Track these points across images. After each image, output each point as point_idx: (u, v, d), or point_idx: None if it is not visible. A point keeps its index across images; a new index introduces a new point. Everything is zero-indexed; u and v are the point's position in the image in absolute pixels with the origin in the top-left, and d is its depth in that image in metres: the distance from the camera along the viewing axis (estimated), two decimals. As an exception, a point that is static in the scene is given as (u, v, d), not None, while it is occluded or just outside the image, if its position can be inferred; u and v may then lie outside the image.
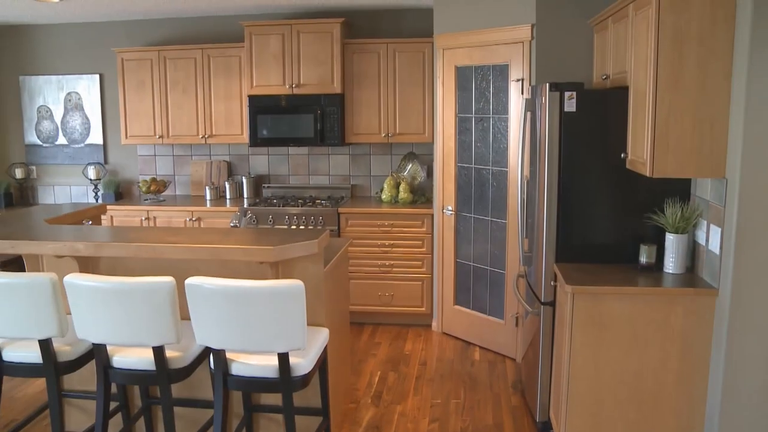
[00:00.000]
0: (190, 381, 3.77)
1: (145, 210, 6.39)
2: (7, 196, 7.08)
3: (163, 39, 6.81)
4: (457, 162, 5.59)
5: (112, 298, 3.06)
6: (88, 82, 7.07)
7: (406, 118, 6.09)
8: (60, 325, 3.23)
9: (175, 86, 6.46)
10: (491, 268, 5.41)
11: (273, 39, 6.09)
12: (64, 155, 7.23)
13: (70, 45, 7.06)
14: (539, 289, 3.99)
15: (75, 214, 4.40)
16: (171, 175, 7.02)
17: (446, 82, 5.58)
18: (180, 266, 3.66)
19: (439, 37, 5.59)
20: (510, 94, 5.07)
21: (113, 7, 6.01)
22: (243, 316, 2.94)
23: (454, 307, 5.78)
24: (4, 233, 3.67)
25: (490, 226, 5.38)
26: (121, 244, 3.42)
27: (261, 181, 6.81)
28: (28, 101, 7.22)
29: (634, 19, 3.47)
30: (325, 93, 6.07)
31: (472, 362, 5.27)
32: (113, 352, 3.26)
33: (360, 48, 6.09)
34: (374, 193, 6.61)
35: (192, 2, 5.83)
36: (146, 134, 6.60)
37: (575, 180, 3.79)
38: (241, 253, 3.29)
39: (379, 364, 5.24)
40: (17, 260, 5.99)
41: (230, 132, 6.42)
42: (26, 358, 3.36)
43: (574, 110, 3.74)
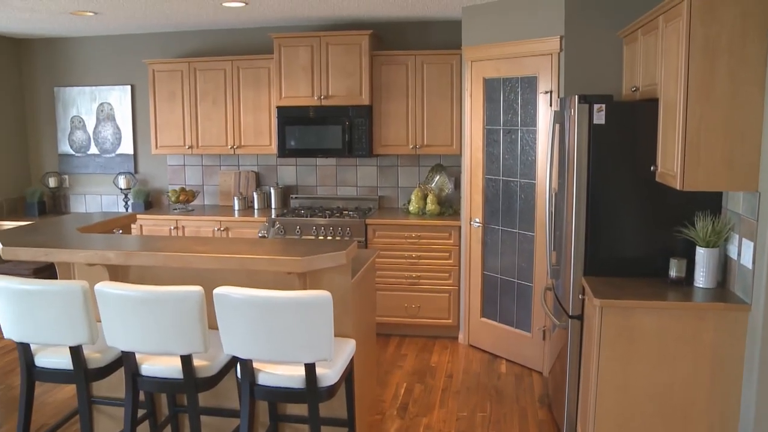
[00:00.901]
0: (216, 390, 3.79)
1: (174, 219, 6.45)
2: (41, 205, 7.19)
3: (194, 51, 6.89)
4: (485, 174, 5.57)
5: (142, 307, 3.09)
6: (120, 93, 7.17)
7: (433, 129, 6.10)
8: (90, 332, 3.27)
9: (205, 97, 6.54)
10: (518, 280, 5.38)
11: (302, 51, 6.14)
12: (95, 165, 7.34)
13: (103, 57, 7.17)
14: (567, 303, 3.96)
15: (106, 223, 4.45)
16: (200, 185, 7.09)
17: (474, 94, 5.58)
18: (208, 276, 3.69)
19: (467, 49, 5.59)
20: (538, 106, 5.06)
21: (145, 19, 6.10)
22: (270, 327, 2.96)
23: (480, 319, 5.75)
24: (38, 241, 3.73)
25: (517, 239, 5.35)
26: (150, 254, 3.45)
27: (289, 191, 6.85)
28: (62, 112, 7.34)
29: (664, 30, 3.45)
30: (354, 104, 6.10)
31: (498, 375, 5.23)
32: (142, 360, 3.29)
33: (388, 60, 6.11)
34: (401, 204, 6.62)
35: (222, 15, 5.90)
36: (176, 144, 6.68)
37: (604, 193, 3.76)
38: (269, 264, 3.30)
39: (405, 376, 5.22)
40: (50, 267, 6.08)
41: (259, 143, 6.47)
42: (57, 365, 3.41)
43: (603, 122, 3.71)
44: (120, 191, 7.18)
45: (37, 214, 7.14)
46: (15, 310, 3.30)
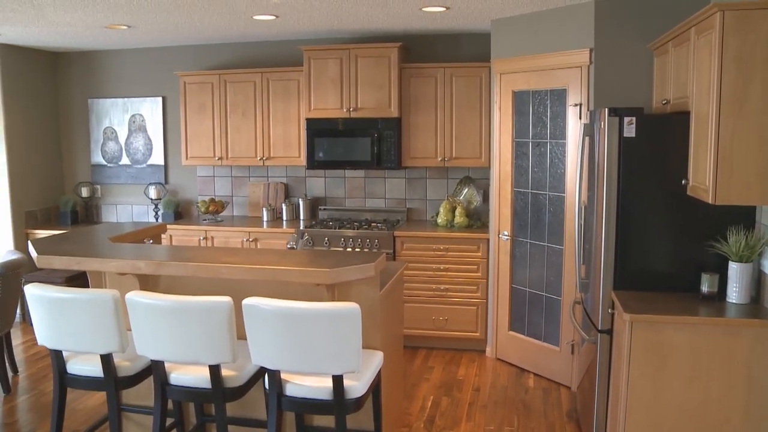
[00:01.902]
0: (244, 400, 3.80)
1: (204, 230, 6.51)
2: (73, 214, 7.30)
3: (224, 63, 6.97)
4: (514, 187, 5.55)
5: (171, 316, 3.12)
6: (152, 104, 7.27)
7: (462, 142, 6.09)
8: (121, 340, 3.31)
9: (235, 109, 6.60)
10: (547, 294, 5.34)
11: (331, 63, 6.18)
12: (127, 175, 7.44)
13: (135, 69, 7.28)
14: (596, 317, 3.92)
15: (137, 233, 4.51)
16: (229, 196, 7.15)
17: (503, 107, 5.57)
18: (237, 286, 3.71)
19: (496, 61, 5.59)
20: (568, 119, 5.03)
21: (177, 32, 6.19)
22: (299, 338, 2.97)
23: (508, 332, 5.71)
24: (71, 250, 3.79)
25: (546, 252, 5.32)
26: (180, 264, 3.49)
27: (317, 203, 6.88)
28: (95, 123, 7.46)
29: (696, 42, 3.42)
30: (382, 117, 6.12)
31: (526, 389, 5.19)
32: (171, 369, 3.32)
33: (417, 72, 6.13)
34: (430, 216, 6.61)
35: (253, 27, 5.96)
36: (206, 155, 6.75)
37: (634, 206, 3.73)
38: (298, 275, 3.32)
39: (432, 389, 5.20)
40: (82, 275, 6.16)
41: (288, 154, 6.51)
42: (88, 372, 3.46)
43: (633, 135, 3.69)
44: (150, 201, 7.26)
45: (70, 223, 7.25)
46: (49, 318, 3.35)
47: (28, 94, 7.16)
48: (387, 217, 6.63)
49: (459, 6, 5.01)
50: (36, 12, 5.08)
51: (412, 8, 5.09)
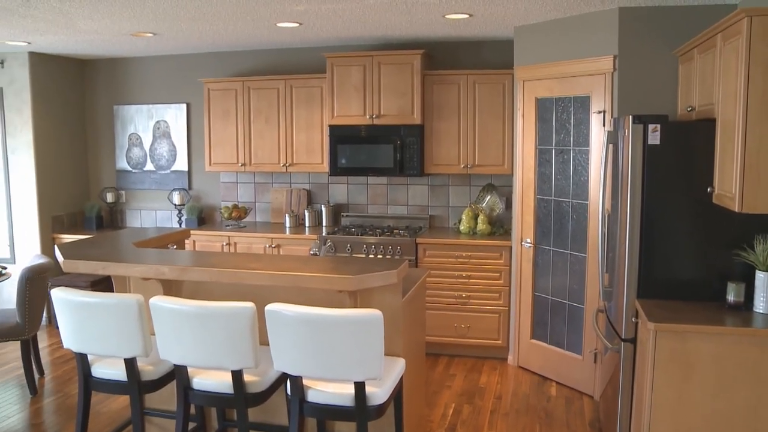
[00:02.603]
0: (266, 406, 3.81)
1: (227, 236, 6.55)
2: (98, 219, 7.38)
3: (248, 70, 7.02)
4: (537, 194, 5.53)
5: (195, 321, 3.14)
6: (176, 111, 7.34)
7: (485, 149, 6.08)
8: (144, 345, 3.33)
9: (258, 115, 6.64)
10: (570, 302, 5.31)
11: (354, 70, 6.20)
12: (151, 181, 7.50)
13: (160, 76, 7.35)
14: (620, 325, 3.89)
15: (160, 238, 4.55)
16: (252, 202, 7.18)
17: (526, 114, 5.55)
18: (259, 292, 3.72)
19: (519, 68, 5.58)
20: (591, 127, 5.01)
21: (202, 40, 6.24)
22: (321, 344, 2.97)
23: (530, 340, 5.68)
24: (96, 255, 3.83)
25: (569, 260, 5.29)
26: (203, 269, 3.51)
27: (340, 209, 6.89)
28: (120, 129, 7.54)
29: (722, 49, 3.39)
30: (405, 124, 6.12)
31: (548, 398, 5.16)
32: (193, 373, 3.34)
33: (440, 79, 6.13)
34: (452, 224, 6.60)
35: (276, 35, 6.00)
36: (229, 162, 6.79)
37: (659, 214, 3.70)
38: (320, 281, 3.32)
39: (454, 396, 5.18)
40: (106, 280, 6.22)
41: (311, 161, 6.53)
42: (112, 376, 3.49)
43: (658, 143, 3.66)
44: (174, 207, 7.32)
45: (95, 228, 7.33)
46: (74, 321, 3.39)
47: (57, 101, 7.26)
48: (409, 224, 6.63)
49: (482, 13, 5.01)
50: (66, 21, 5.15)
51: (436, 15, 5.10)
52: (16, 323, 5.12)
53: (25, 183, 7.04)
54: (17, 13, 4.88)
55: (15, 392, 5.28)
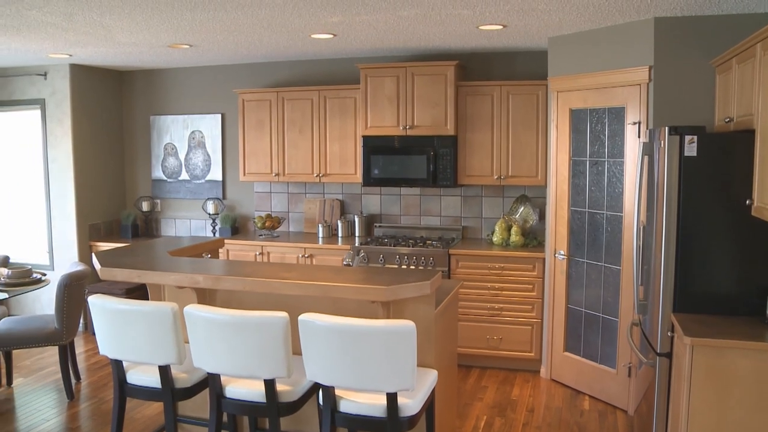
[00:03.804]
0: (298, 415, 3.81)
1: (260, 245, 6.60)
2: (134, 227, 7.49)
3: (282, 81, 7.08)
4: (571, 206, 5.49)
5: (229, 330, 3.17)
6: (211, 121, 7.42)
7: (518, 160, 6.05)
8: (179, 353, 3.37)
9: (292, 126, 6.69)
10: (603, 315, 5.25)
11: (388, 81, 6.22)
12: (186, 190, 7.59)
13: (195, 87, 7.45)
14: (655, 339, 3.84)
15: (195, 247, 4.60)
16: (285, 212, 7.23)
17: (560, 125, 5.52)
18: (292, 301, 3.74)
19: (553, 79, 5.55)
20: (626, 138, 4.96)
21: (236, 51, 6.32)
22: (354, 355, 2.98)
23: (563, 353, 5.63)
24: (132, 263, 3.88)
25: (603, 272, 5.23)
26: (237, 278, 3.54)
27: (373, 220, 6.90)
28: (156, 139, 7.65)
29: (762, 58, 3.33)
30: (439, 134, 6.12)
31: (581, 412, 5.10)
32: (226, 382, 3.37)
33: (473, 90, 6.12)
34: (485, 235, 6.57)
35: (310, 46, 6.05)
36: (263, 172, 6.85)
37: (695, 227, 3.65)
38: (353, 292, 3.33)
39: (486, 409, 5.15)
40: (141, 288, 6.31)
41: (344, 171, 6.56)
42: (147, 382, 3.54)
43: (694, 155, 3.62)
44: (208, 216, 7.39)
45: (131, 236, 7.43)
46: (110, 328, 3.44)
47: (95, 112, 7.39)
48: (442, 235, 6.61)
49: (516, 24, 5.00)
50: (106, 33, 5.26)
51: (469, 27, 5.10)
52: (54, 329, 5.21)
53: (64, 192, 7.17)
54: (60, 27, 5.00)
55: (53, 396, 5.37)
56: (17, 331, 5.17)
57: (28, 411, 5.10)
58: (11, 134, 7.53)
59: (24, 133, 7.42)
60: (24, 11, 4.46)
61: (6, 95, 7.36)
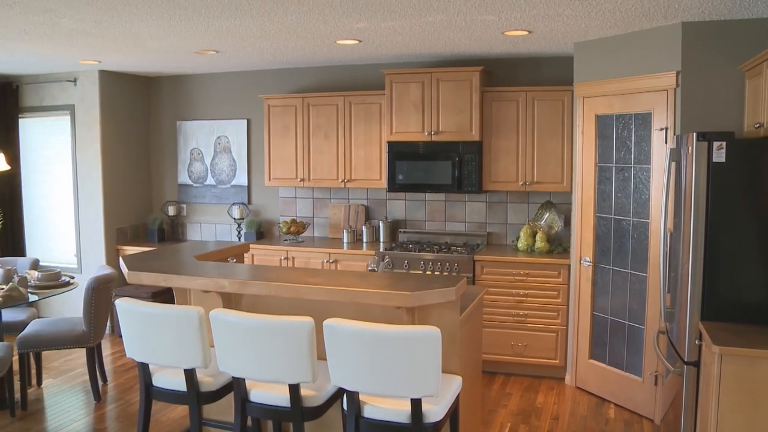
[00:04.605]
0: (322, 420, 3.81)
1: (285, 250, 6.62)
2: (160, 232, 7.56)
3: (307, 86, 7.11)
4: (596, 212, 5.45)
5: (254, 335, 3.18)
6: (237, 126, 7.48)
7: (544, 166, 6.03)
8: (204, 356, 3.39)
9: (317, 131, 6.72)
10: (629, 322, 5.20)
11: (413, 87, 6.23)
12: (211, 195, 7.65)
13: (221, 92, 7.51)
14: (682, 348, 3.79)
15: (221, 252, 4.62)
16: (310, 217, 7.25)
17: (586, 131, 5.49)
18: (317, 306, 3.75)
19: (579, 85, 5.53)
20: (652, 144, 4.92)
21: (262, 57, 6.36)
22: (379, 360, 2.98)
23: (589, 361, 5.58)
24: (159, 267, 3.92)
25: (629, 279, 5.19)
26: (263, 283, 3.56)
27: (397, 225, 6.91)
28: (182, 144, 7.72)
29: (792, 66, 3.30)
30: (464, 140, 6.11)
31: (606, 420, 5.05)
32: (251, 386, 3.38)
33: (498, 96, 6.11)
34: (510, 241, 6.55)
35: (336, 52, 6.08)
36: (288, 177, 6.88)
37: (724, 234, 3.60)
38: (378, 297, 3.34)
39: (510, 416, 5.13)
40: (167, 291, 6.36)
41: (369, 177, 6.57)
42: (172, 385, 3.56)
43: (723, 161, 3.58)
44: (233, 221, 7.44)
45: (157, 240, 7.50)
46: (137, 331, 3.48)
47: (123, 117, 7.48)
48: (467, 241, 6.60)
49: (542, 30, 4.99)
50: (134, 40, 5.32)
51: (495, 32, 5.09)
52: (82, 331, 5.27)
53: (93, 196, 7.26)
54: (90, 34, 5.07)
55: (80, 397, 5.44)
56: (46, 333, 5.24)
57: (57, 411, 5.17)
58: (42, 139, 7.65)
59: (54, 139, 7.53)
60: (56, 19, 4.54)
61: (37, 101, 7.48)
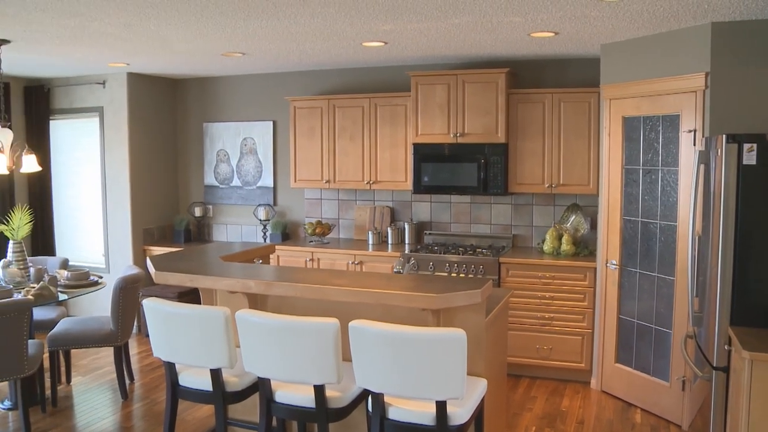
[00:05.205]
0: (347, 421, 3.82)
1: (310, 251, 6.65)
2: (186, 232, 7.62)
3: (333, 88, 7.13)
4: (623, 215, 5.41)
5: (280, 336, 3.20)
6: (262, 128, 7.52)
7: (570, 168, 5.99)
8: (230, 356, 3.41)
9: (343, 133, 6.74)
10: (656, 326, 5.15)
11: (438, 89, 6.22)
12: (237, 196, 7.70)
13: (247, 94, 7.56)
14: (711, 353, 3.75)
15: (246, 253, 4.65)
16: (335, 219, 7.27)
17: (613, 133, 5.45)
18: (341, 308, 3.75)
19: (605, 87, 5.49)
20: (680, 146, 4.87)
21: (288, 59, 6.39)
22: (404, 362, 2.98)
23: (615, 365, 5.54)
24: (185, 267, 3.95)
25: (656, 283, 5.14)
26: (289, 284, 3.57)
27: (423, 227, 6.90)
28: (209, 146, 7.78)
29: (824, 68, 3.25)
30: (489, 142, 6.09)
31: (632, 425, 5.01)
32: (276, 387, 3.40)
33: (524, 98, 6.08)
34: (536, 244, 6.51)
35: (361, 54, 6.09)
36: (314, 178, 6.91)
37: (754, 237, 3.56)
38: (404, 299, 3.33)
39: (535, 419, 5.10)
40: (193, 291, 6.41)
41: (394, 178, 6.58)
42: (198, 385, 3.59)
43: (754, 163, 3.53)
44: (259, 222, 7.48)
45: (183, 241, 7.57)
46: (164, 331, 3.51)
47: (150, 119, 7.56)
48: (492, 243, 6.58)
49: (568, 31, 4.96)
50: (162, 43, 5.38)
51: (521, 34, 5.07)
52: (110, 330, 5.33)
53: (120, 197, 7.35)
54: (120, 37, 5.13)
55: (108, 395, 5.51)
56: (75, 332, 5.31)
57: (86, 408, 5.24)
58: (72, 141, 7.75)
59: (83, 140, 7.63)
60: (86, 23, 4.60)
61: (67, 103, 7.58)
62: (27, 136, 7.55)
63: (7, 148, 5.27)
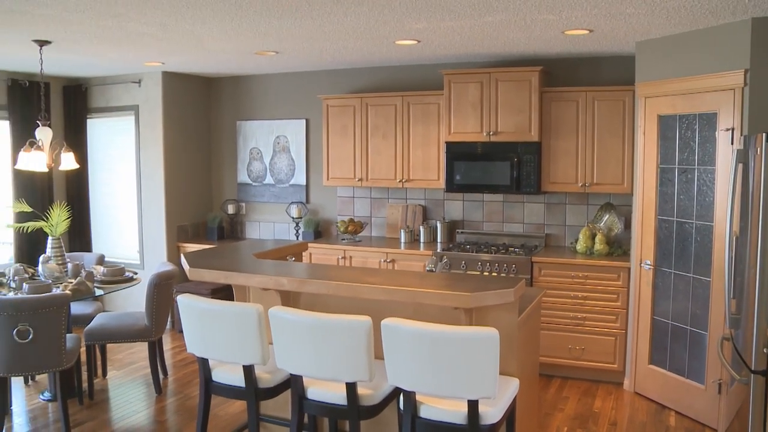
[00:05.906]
0: (378, 419, 3.83)
1: (342, 249, 6.67)
2: (220, 230, 7.70)
3: (366, 86, 7.15)
4: (658, 214, 5.34)
5: (312, 333, 3.22)
6: (295, 126, 7.56)
7: (603, 167, 5.93)
8: (263, 353, 3.44)
9: (376, 131, 6.74)
10: (691, 327, 5.08)
11: (471, 87, 6.20)
12: (270, 194, 7.75)
13: (280, 93, 7.61)
14: (749, 356, 3.68)
15: (279, 250, 4.68)
16: (368, 217, 7.29)
17: (648, 132, 5.38)
18: (373, 306, 3.76)
19: (640, 85, 5.42)
20: (717, 145, 4.80)
21: (321, 57, 6.42)
22: (436, 361, 2.98)
23: (648, 366, 5.47)
24: (219, 264, 3.99)
25: (691, 283, 5.07)
26: (322, 282, 3.59)
27: (455, 226, 6.88)
28: (242, 144, 7.84)
29: None
30: (522, 141, 6.06)
31: (666, 428, 4.95)
32: (308, 384, 3.42)
33: (558, 96, 6.04)
34: (569, 243, 6.46)
35: (394, 52, 6.09)
36: (346, 176, 6.92)
37: (794, 238, 3.49)
38: (437, 298, 3.33)
39: (567, 420, 5.06)
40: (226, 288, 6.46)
41: (427, 177, 6.57)
42: (231, 381, 3.63)
43: (794, 163, 3.46)
44: (292, 220, 7.53)
45: (216, 238, 7.65)
46: (198, 327, 3.55)
47: (185, 117, 7.65)
48: (525, 242, 6.54)
49: (603, 28, 4.91)
50: (196, 42, 5.43)
51: (555, 32, 5.04)
52: (144, 326, 5.41)
53: (155, 194, 7.44)
54: (155, 37, 5.20)
55: (142, 390, 5.59)
56: (111, 327, 5.40)
57: (121, 402, 5.33)
58: (108, 139, 7.86)
59: (119, 138, 7.74)
60: (124, 23, 4.67)
61: (104, 102, 7.70)
62: (65, 135, 7.68)
63: (47, 146, 5.36)
